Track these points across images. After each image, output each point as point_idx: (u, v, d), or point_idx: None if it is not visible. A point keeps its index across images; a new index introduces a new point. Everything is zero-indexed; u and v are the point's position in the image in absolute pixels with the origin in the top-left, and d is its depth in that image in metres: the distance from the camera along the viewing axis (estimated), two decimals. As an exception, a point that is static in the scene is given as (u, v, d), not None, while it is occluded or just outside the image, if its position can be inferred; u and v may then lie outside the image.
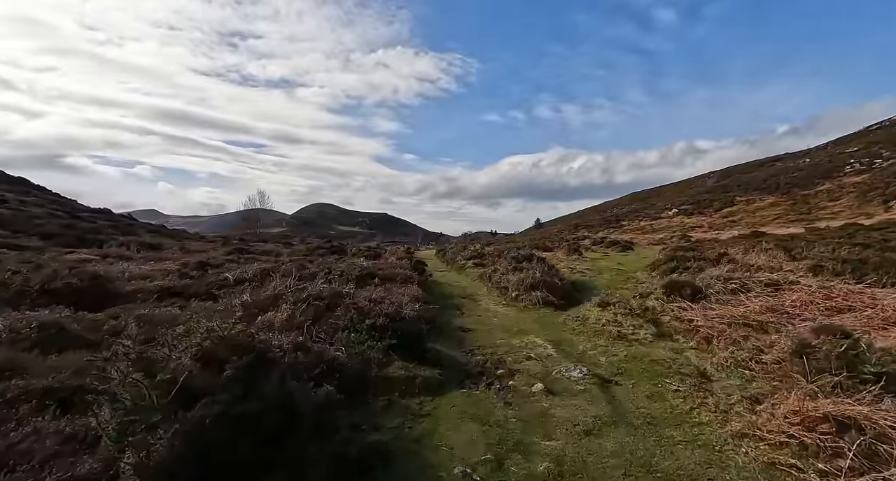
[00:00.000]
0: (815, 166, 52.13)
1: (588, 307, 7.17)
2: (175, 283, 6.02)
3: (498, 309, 7.96)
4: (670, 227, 46.93)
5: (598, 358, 4.98)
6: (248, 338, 3.06)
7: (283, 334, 3.78)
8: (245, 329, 3.22)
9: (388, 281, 7.99)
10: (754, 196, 49.00)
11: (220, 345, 2.82)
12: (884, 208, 36.94)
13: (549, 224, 74.96)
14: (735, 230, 41.76)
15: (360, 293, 6.13)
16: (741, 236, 21.58)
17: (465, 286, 10.82)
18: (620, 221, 52.40)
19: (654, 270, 11.67)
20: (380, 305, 5.08)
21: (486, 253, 15.46)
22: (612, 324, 6.19)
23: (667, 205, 54.88)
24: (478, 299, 9.00)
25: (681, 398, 3.71)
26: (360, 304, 5.06)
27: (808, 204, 43.58)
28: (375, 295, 6.14)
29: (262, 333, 3.57)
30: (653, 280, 10.64)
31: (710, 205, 50.40)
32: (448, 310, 7.86)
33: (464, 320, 7.05)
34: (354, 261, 9.63)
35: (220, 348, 2.80)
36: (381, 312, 4.67)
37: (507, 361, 4.83)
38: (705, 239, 35.59)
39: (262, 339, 3.26)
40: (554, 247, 27.17)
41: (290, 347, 3.35)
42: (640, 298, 7.84)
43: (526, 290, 8.29)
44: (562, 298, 8.04)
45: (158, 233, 18.48)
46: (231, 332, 2.98)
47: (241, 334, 3.05)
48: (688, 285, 7.23)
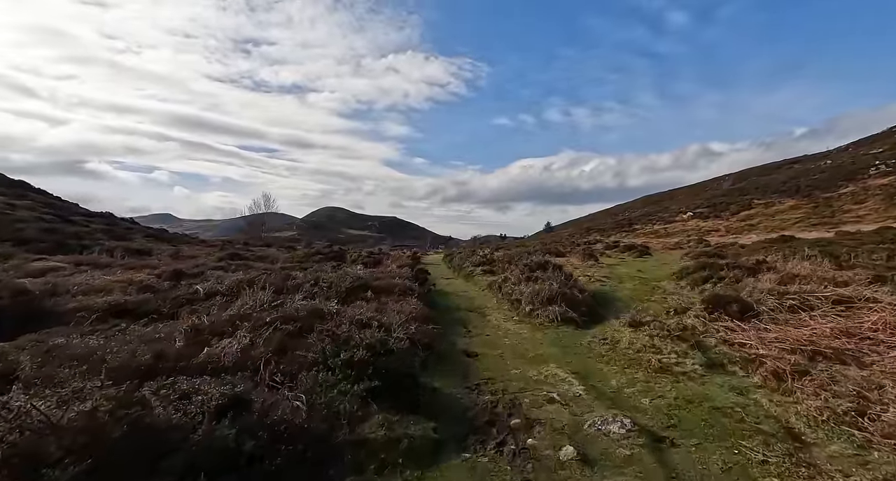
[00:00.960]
0: (838, 168, 50.06)
1: (616, 326, 6.04)
2: (129, 299, 5.07)
3: (509, 326, 6.87)
4: (685, 231, 45.27)
5: (640, 399, 3.86)
6: (127, 411, 2.01)
7: (222, 379, 2.76)
8: (132, 393, 2.18)
9: (384, 293, 6.96)
10: (773, 199, 47.15)
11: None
12: (912, 211, 34.98)
13: (559, 228, 73.54)
14: (754, 234, 40.01)
15: (345, 311, 5.11)
16: (768, 241, 20.14)
17: (473, 297, 9.74)
18: (633, 225, 50.88)
19: (683, 279, 10.47)
20: (365, 330, 4.03)
21: (495, 258, 14.37)
22: (649, 349, 5.07)
23: (681, 208, 53.21)
24: (487, 313, 7.91)
25: (775, 477, 2.59)
26: (340, 329, 4.02)
27: (832, 207, 41.58)
28: (364, 313, 5.11)
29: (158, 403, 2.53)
30: (683, 291, 9.46)
31: (726, 208, 48.65)
32: (452, 327, 6.79)
33: (470, 341, 5.97)
34: (349, 269, 8.63)
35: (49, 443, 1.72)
36: (362, 341, 3.63)
37: (523, 404, 3.75)
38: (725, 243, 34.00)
39: (145, 416, 2.15)
40: (566, 251, 25.92)
41: (217, 406, 2.33)
42: (676, 315, 6.69)
43: (542, 304, 7.19)
44: (583, 314, 6.92)
45: (156, 238, 17.77)
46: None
47: (109, 408, 1.98)
48: (735, 300, 6.08)
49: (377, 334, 3.87)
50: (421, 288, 7.93)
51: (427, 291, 8.71)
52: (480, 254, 16.97)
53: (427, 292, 8.27)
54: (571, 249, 27.59)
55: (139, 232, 18.56)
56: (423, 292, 7.84)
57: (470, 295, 10.00)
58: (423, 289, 8.10)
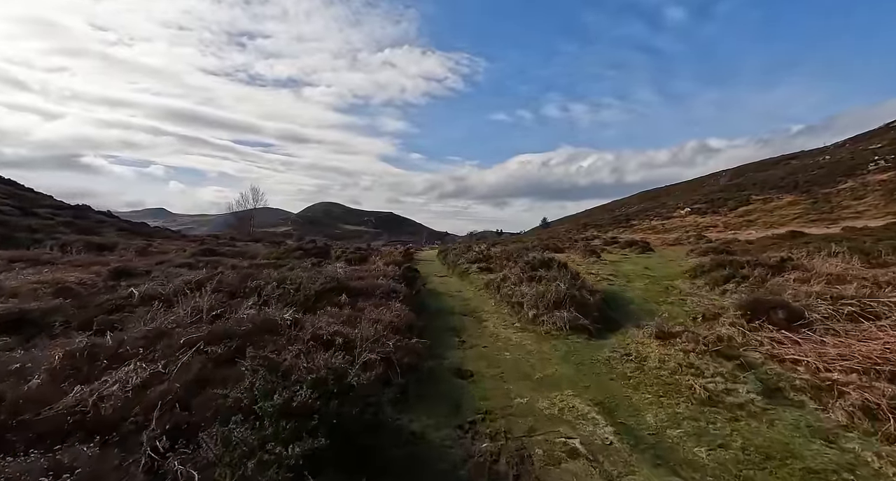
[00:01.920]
0: (837, 163, 49.33)
1: (639, 337, 4.97)
2: (31, 306, 3.96)
3: (510, 334, 5.80)
4: (683, 227, 44.43)
5: (693, 450, 2.81)
6: None
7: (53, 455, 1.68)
8: None
9: (363, 296, 5.88)
10: (771, 194, 46.38)
11: None
12: (912, 207, 34.26)
13: (556, 223, 72.59)
14: (752, 230, 39.23)
15: (307, 322, 4.03)
16: (776, 236, 19.20)
17: (468, 298, 8.66)
18: (631, 220, 50.02)
19: (698, 278, 9.45)
20: (319, 354, 2.95)
21: (492, 255, 13.30)
22: (687, 369, 4.03)
23: (678, 204, 52.41)
24: (483, 318, 6.84)
25: None
26: (286, 353, 2.94)
27: (830, 202, 40.85)
28: (330, 325, 4.04)
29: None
30: (701, 291, 8.43)
31: (724, 203, 47.87)
32: (442, 336, 5.71)
33: (463, 355, 4.90)
34: (328, 267, 7.54)
35: None
36: (310, 373, 2.54)
37: (534, 457, 2.70)
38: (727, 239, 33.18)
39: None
40: (565, 247, 24.87)
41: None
42: (706, 322, 5.66)
43: (547, 309, 6.13)
44: (596, 321, 5.86)
45: (131, 232, 16.53)
46: None
47: None
48: (780, 306, 5.04)
49: (334, 361, 2.78)
50: (408, 289, 6.84)
51: (416, 292, 7.63)
52: (476, 250, 15.90)
53: (416, 293, 7.18)
54: (570, 245, 26.55)
55: (112, 225, 17.27)
56: (411, 294, 6.75)
57: (465, 295, 8.92)
58: (412, 290, 7.01)
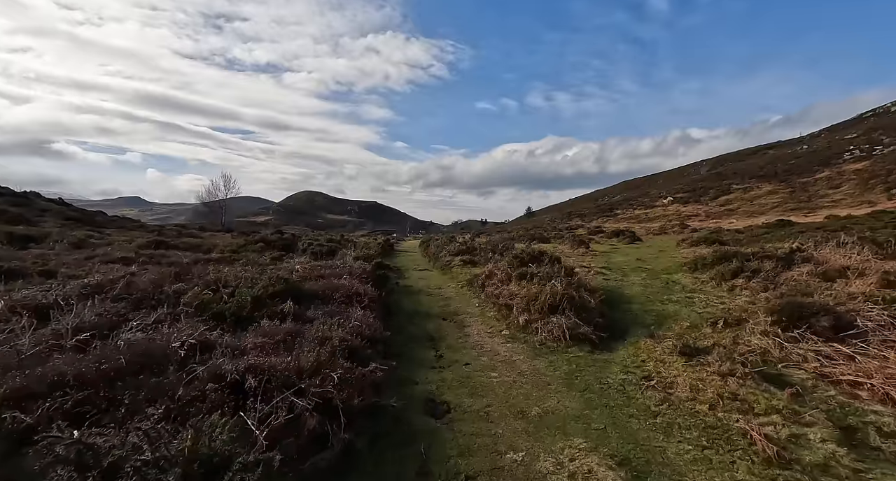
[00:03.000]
0: (814, 153, 49.72)
1: (658, 352, 3.96)
2: None
3: (498, 346, 4.75)
4: (666, 216, 44.26)
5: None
6: None
7: None
8: None
9: (320, 301, 4.74)
10: (751, 184, 46.55)
11: None
12: (886, 196, 34.54)
13: (540, 213, 72.09)
14: (734, 218, 39.26)
15: (221, 346, 2.90)
16: (766, 225, 18.64)
17: (450, 297, 7.58)
18: (614, 210, 49.67)
19: (700, 271, 8.59)
20: (192, 420, 1.83)
21: (476, 246, 12.25)
22: (730, 402, 3.04)
23: (661, 193, 52.26)
24: (466, 323, 5.78)
25: None
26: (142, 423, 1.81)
27: (808, 191, 41.14)
28: (254, 350, 2.91)
29: None
30: (706, 287, 7.54)
31: (705, 193, 47.88)
32: (414, 348, 4.63)
33: (439, 378, 3.82)
34: (285, 264, 6.35)
35: None
36: (167, 460, 1.43)
37: None
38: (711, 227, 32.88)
39: None
40: (551, 237, 24.02)
41: None
42: (728, 329, 4.73)
43: (541, 314, 5.10)
44: (599, 328, 4.86)
45: (79, 221, 14.80)
46: None
47: None
48: (823, 311, 4.12)
49: (217, 434, 1.66)
50: (377, 290, 5.70)
51: (387, 292, 6.51)
52: (460, 240, 14.82)
53: (384, 294, 6.03)
54: (556, 235, 25.72)
55: (59, 214, 15.47)
56: (379, 296, 5.61)
57: (446, 293, 7.84)
58: (380, 292, 5.87)
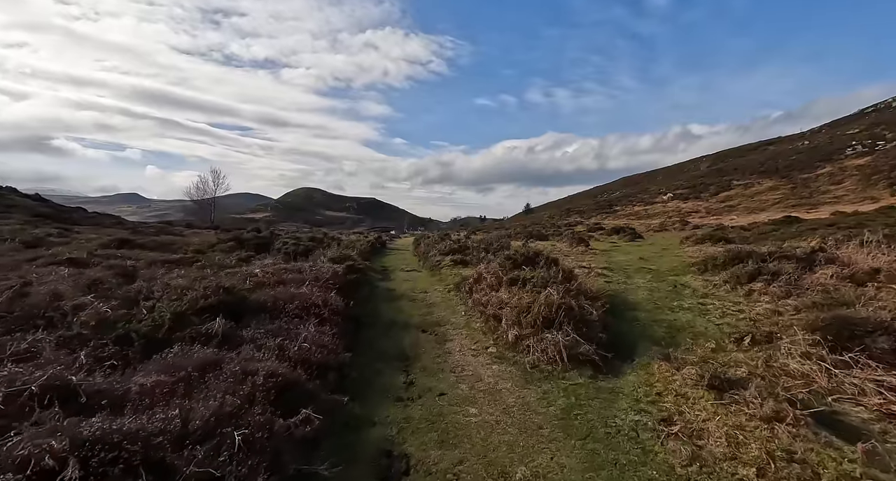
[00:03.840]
0: (815, 149, 48.85)
1: (679, 382, 3.12)
2: None
3: (482, 369, 3.95)
4: (666, 213, 43.50)
5: None
6: None
7: None
8: None
9: (269, 315, 3.94)
10: (752, 180, 45.77)
11: None
12: (889, 192, 33.73)
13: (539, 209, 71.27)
14: (734, 214, 38.52)
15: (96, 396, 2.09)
16: (773, 222, 17.83)
17: (434, 302, 6.77)
18: (613, 206, 48.88)
19: (711, 273, 7.79)
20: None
21: (469, 245, 11.43)
22: (786, 464, 2.27)
23: (660, 189, 51.46)
24: (448, 336, 4.97)
25: None
26: None
27: (809, 187, 40.33)
28: (135, 401, 2.10)
29: None
30: (719, 291, 6.73)
31: (705, 189, 47.11)
32: (383, 371, 3.82)
33: (405, 417, 3.01)
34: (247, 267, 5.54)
35: None
36: None
37: None
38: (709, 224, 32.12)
39: None
40: (549, 234, 23.20)
41: None
42: (757, 347, 3.94)
43: (534, 328, 4.30)
44: (602, 345, 4.05)
45: (47, 218, 13.91)
46: None
47: None
48: (878, 327, 3.33)
49: None
50: (345, 298, 4.87)
51: (362, 300, 5.69)
52: (452, 239, 14.00)
53: (353, 304, 5.18)
54: (555, 232, 24.90)
55: (27, 210, 14.61)
56: (346, 305, 4.78)
57: (430, 299, 7.02)
58: (349, 300, 5.03)
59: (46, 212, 14.93)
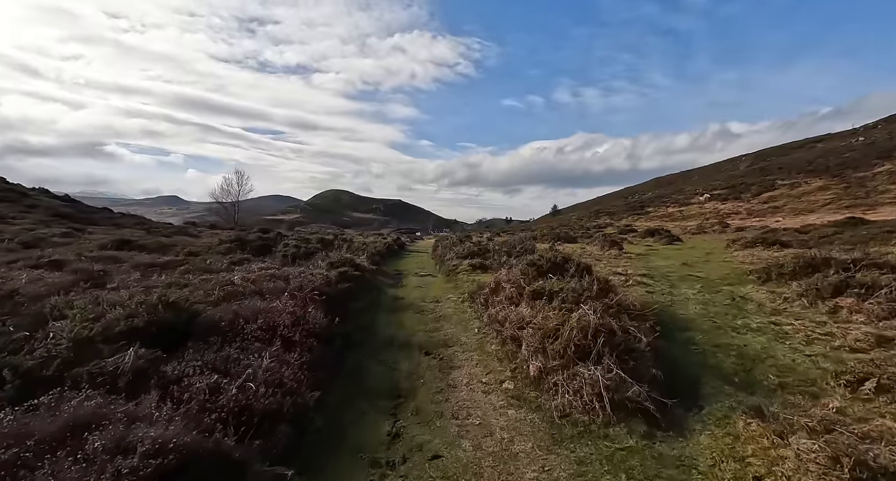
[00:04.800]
0: (871, 146, 44.92)
1: (793, 463, 2.09)
2: None
3: (493, 417, 2.95)
4: (702, 214, 40.96)
5: None
6: None
7: None
8: None
9: (227, 338, 3.10)
10: (798, 179, 42.45)
11: None
12: (961, 191, 30.38)
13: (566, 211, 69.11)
14: (779, 216, 35.69)
15: None
16: (833, 223, 15.87)
17: (445, 315, 5.79)
18: (645, 207, 46.53)
19: (776, 283, 6.51)
20: None
21: (489, 248, 10.40)
22: None
23: (696, 190, 48.65)
24: (455, 362, 4.00)
25: None
26: None
27: (866, 187, 36.87)
28: None
29: None
30: (793, 306, 5.45)
31: (746, 189, 44.09)
32: (360, 419, 2.87)
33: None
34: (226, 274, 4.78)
35: None
36: None
37: None
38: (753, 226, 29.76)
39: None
40: (577, 236, 21.78)
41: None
42: (884, 396, 2.80)
43: (564, 359, 3.28)
44: (657, 384, 3.01)
45: (64, 217, 13.82)
46: None
47: None
48: None
49: None
50: (329, 316, 3.97)
51: (352, 314, 4.79)
52: (473, 241, 13.00)
53: (340, 320, 4.26)
54: (583, 234, 23.41)
55: (46, 210, 14.65)
56: (330, 322, 3.87)
57: (441, 310, 6.06)
58: (335, 316, 4.12)
59: (67, 212, 14.96)
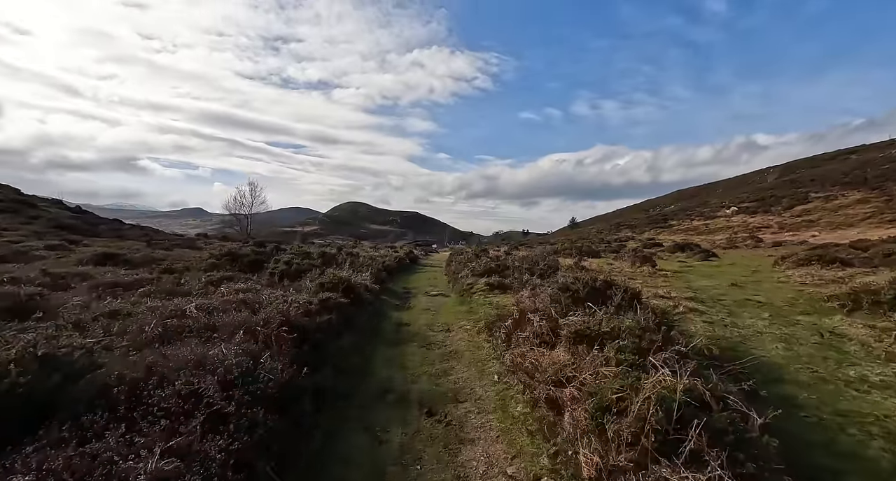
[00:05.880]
0: (913, 156, 42.17)
1: None
2: None
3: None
4: (730, 227, 38.85)
5: None
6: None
7: None
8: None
9: (130, 408, 2.07)
10: (834, 191, 39.96)
11: None
12: None
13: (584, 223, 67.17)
14: (815, 231, 33.40)
15: None
16: (893, 238, 14.11)
17: (456, 350, 4.64)
18: (669, 220, 44.54)
19: (873, 313, 5.17)
20: None
21: (508, 264, 9.22)
22: None
23: (722, 202, 46.45)
24: (465, 432, 2.85)
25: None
26: None
27: (910, 200, 34.43)
28: None
29: None
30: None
31: (777, 202, 41.76)
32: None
33: None
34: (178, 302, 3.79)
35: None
36: None
37: None
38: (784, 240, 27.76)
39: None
40: (601, 250, 20.33)
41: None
42: None
43: (637, 454, 2.13)
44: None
45: (60, 229, 13.25)
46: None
47: None
48: None
49: None
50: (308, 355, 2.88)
51: (333, 354, 3.69)
52: (490, 255, 11.83)
53: (311, 368, 3.12)
54: (606, 248, 21.92)
55: (49, 221, 14.24)
56: (295, 372, 2.78)
57: (452, 343, 4.90)
58: (301, 366, 3.02)
59: (70, 223, 14.49)
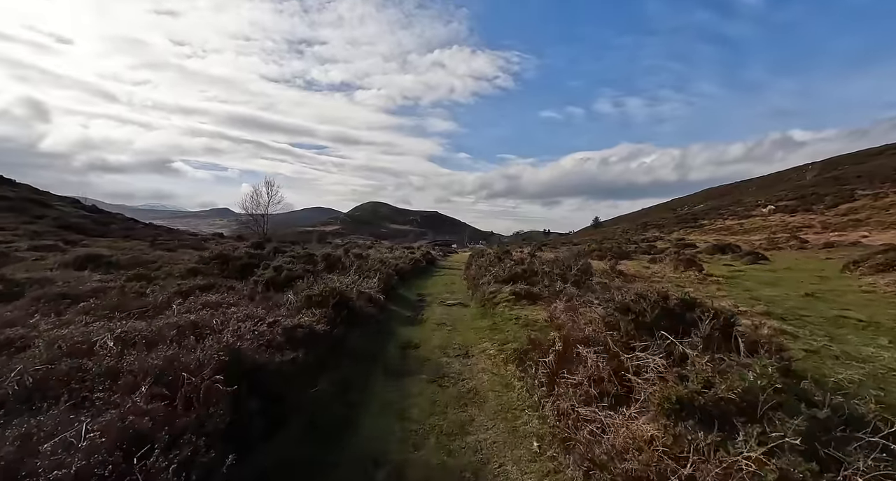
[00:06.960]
0: (975, 149, 38.52)
1: None
2: None
3: None
4: (767, 227, 36.21)
5: None
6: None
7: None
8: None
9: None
10: (884, 189, 36.80)
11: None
12: None
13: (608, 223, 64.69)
14: (864, 230, 30.65)
15: None
16: None
17: (477, 390, 3.49)
18: (699, 220, 42.08)
19: None
20: None
21: (536, 269, 7.98)
22: None
23: (758, 201, 43.61)
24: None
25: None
26: None
27: (973, 197, 31.29)
28: None
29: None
30: None
31: (819, 200, 38.81)
32: None
33: None
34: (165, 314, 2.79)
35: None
36: None
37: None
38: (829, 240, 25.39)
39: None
40: (630, 251, 18.76)
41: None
42: None
43: None
44: None
45: (63, 229, 12.81)
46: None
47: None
48: None
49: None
50: (244, 428, 1.83)
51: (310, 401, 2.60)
52: (514, 258, 10.59)
53: (261, 435, 2.04)
54: (636, 249, 20.29)
55: (55, 220, 13.87)
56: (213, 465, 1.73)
57: (470, 377, 3.74)
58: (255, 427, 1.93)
59: (76, 222, 14.11)
